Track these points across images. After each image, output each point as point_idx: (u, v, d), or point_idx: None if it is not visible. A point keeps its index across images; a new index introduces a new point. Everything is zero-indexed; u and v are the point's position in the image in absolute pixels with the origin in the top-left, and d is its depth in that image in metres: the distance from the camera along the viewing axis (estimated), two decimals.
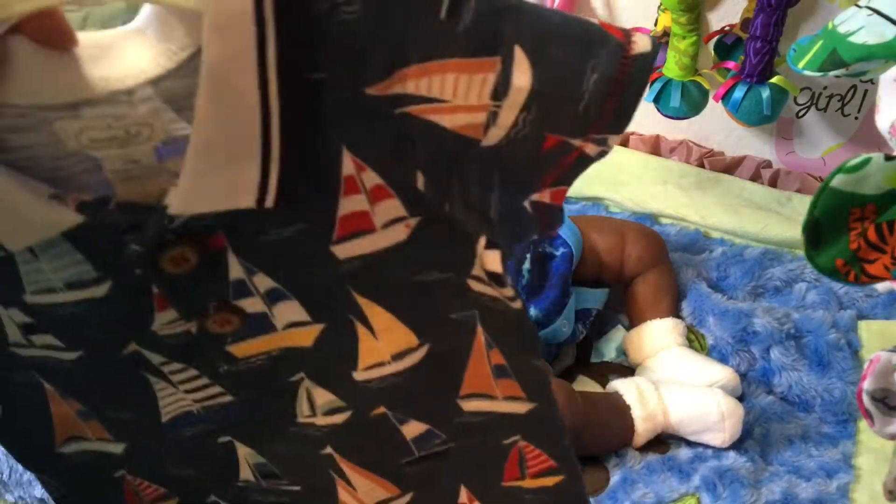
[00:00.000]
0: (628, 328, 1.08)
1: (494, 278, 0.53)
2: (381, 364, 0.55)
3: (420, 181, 0.48)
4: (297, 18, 0.41)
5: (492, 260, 0.52)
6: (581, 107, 0.48)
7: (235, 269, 0.49)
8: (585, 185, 1.25)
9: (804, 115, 1.22)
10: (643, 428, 0.94)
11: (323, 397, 0.56)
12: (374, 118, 0.46)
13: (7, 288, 0.49)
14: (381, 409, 0.58)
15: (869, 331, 1.03)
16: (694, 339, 1.06)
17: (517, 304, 0.54)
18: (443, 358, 0.56)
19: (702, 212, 1.23)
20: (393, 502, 0.63)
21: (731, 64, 1.13)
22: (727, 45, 1.16)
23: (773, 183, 1.27)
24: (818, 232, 0.61)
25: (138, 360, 0.52)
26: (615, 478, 0.93)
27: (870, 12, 0.61)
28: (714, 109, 1.17)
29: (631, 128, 1.34)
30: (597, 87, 0.47)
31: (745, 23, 1.11)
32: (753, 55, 1.06)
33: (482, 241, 0.51)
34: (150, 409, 0.56)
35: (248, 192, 0.44)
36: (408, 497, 0.63)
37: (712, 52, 1.17)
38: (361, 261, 0.50)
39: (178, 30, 0.42)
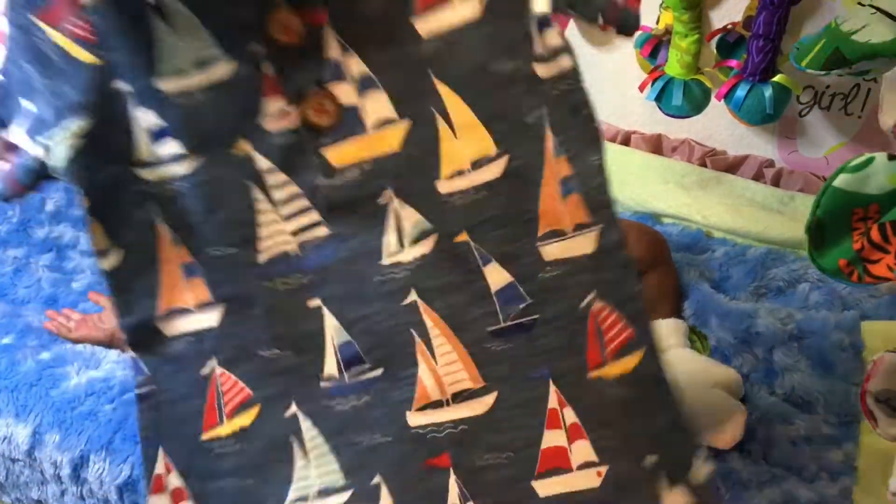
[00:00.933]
0: None
1: (544, 23, 0.57)
2: (461, 172, 0.58)
3: None
4: None
5: (551, 35, 0.58)
6: None
7: (333, 47, 0.55)
8: None
9: (807, 113, 1.22)
10: None
11: (410, 217, 0.59)
12: None
13: (145, 70, 0.56)
14: (464, 236, 0.59)
15: (872, 332, 1.03)
16: (696, 340, 1.05)
17: (569, 62, 0.58)
18: (520, 175, 0.58)
19: (704, 211, 1.23)
20: (476, 399, 0.61)
21: (733, 62, 1.13)
22: (729, 44, 1.15)
23: (775, 182, 1.26)
24: (821, 232, 0.61)
25: (246, 164, 0.58)
26: None
27: (873, 10, 0.60)
28: (716, 108, 1.17)
29: (633, 127, 1.34)
30: None
31: (748, 21, 1.10)
32: (756, 53, 1.05)
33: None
34: (250, 242, 0.60)
35: None
36: (492, 396, 0.61)
37: (714, 50, 1.17)
38: (441, 41, 0.55)
39: None
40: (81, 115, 0.59)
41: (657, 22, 1.23)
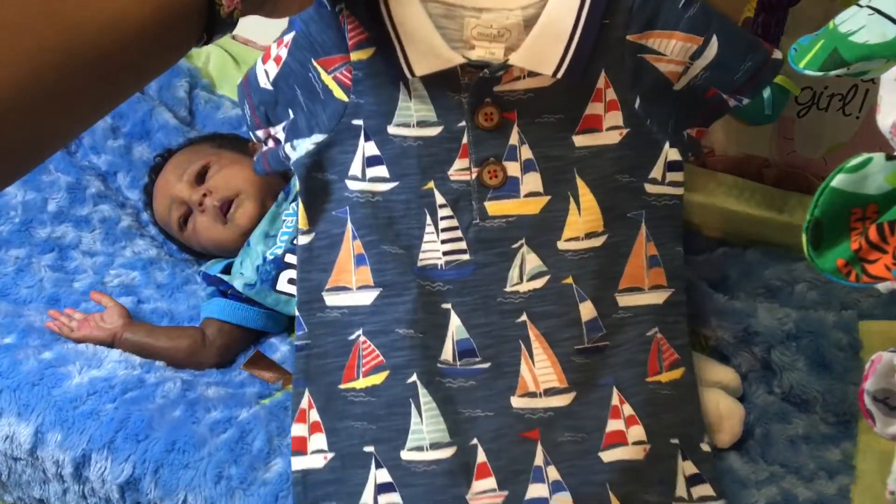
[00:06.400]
0: None
1: (673, 166, 0.88)
2: (576, 238, 0.86)
3: (637, 102, 0.85)
4: None
5: (674, 153, 0.87)
6: (735, 77, 0.86)
7: (514, 137, 0.84)
8: None
9: (805, 114, 1.22)
10: None
11: (532, 262, 0.85)
12: (626, 55, 0.83)
13: (383, 118, 0.84)
14: (569, 279, 0.85)
15: (870, 331, 1.03)
16: (695, 340, 1.05)
17: (680, 191, 0.88)
18: (614, 248, 0.86)
19: (702, 212, 1.23)
20: (560, 396, 0.85)
21: None
22: None
23: (773, 183, 1.26)
24: (819, 232, 0.61)
25: (429, 198, 0.85)
26: None
27: (871, 11, 0.61)
28: None
29: None
30: (747, 70, 0.86)
31: (746, 22, 1.10)
32: None
33: (667, 144, 0.87)
34: (413, 249, 0.86)
35: (551, 64, 0.80)
36: (571, 396, 0.85)
37: None
38: (588, 152, 0.85)
39: None
40: (325, 132, 0.86)
41: None
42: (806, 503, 0.87)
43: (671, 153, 0.87)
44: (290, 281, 1.08)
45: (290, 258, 1.08)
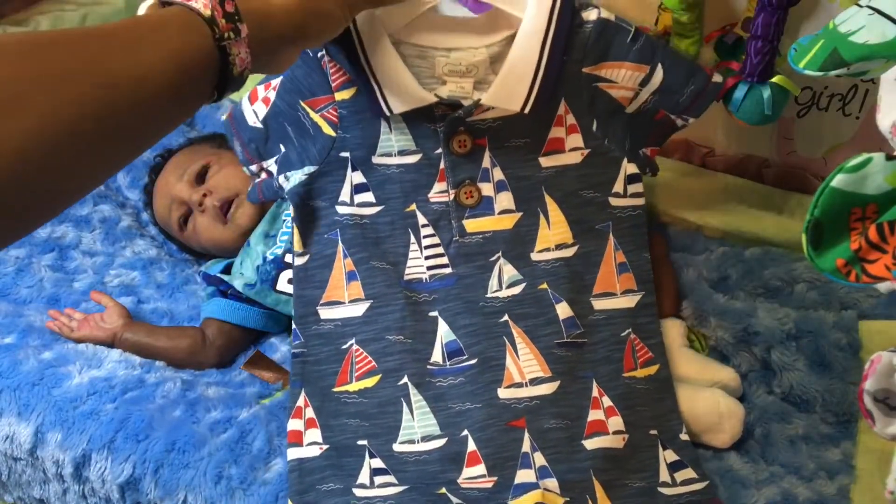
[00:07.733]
0: None
1: (633, 178, 0.97)
2: (548, 249, 0.94)
3: (594, 125, 0.94)
4: (562, 29, 0.89)
5: (632, 167, 0.96)
6: (681, 100, 0.97)
7: (486, 161, 0.93)
8: None
9: (805, 114, 1.22)
10: None
11: (509, 272, 0.93)
12: (582, 85, 0.93)
13: (367, 150, 0.93)
14: (544, 285, 0.93)
15: (870, 331, 1.03)
16: (695, 340, 1.05)
17: (641, 201, 0.97)
18: (585, 257, 0.94)
19: (702, 211, 1.23)
20: (545, 384, 0.90)
21: (733, 64, 1.13)
22: (728, 45, 1.15)
23: (773, 183, 1.26)
24: (819, 232, 0.61)
25: (412, 218, 0.93)
26: None
27: (870, 11, 0.61)
28: (715, 109, 1.17)
29: None
30: (691, 92, 0.98)
31: (746, 22, 1.10)
32: (754, 55, 1.06)
33: (625, 160, 0.96)
34: (400, 265, 0.94)
35: (519, 101, 0.88)
36: (556, 384, 0.90)
37: (713, 51, 1.17)
38: (554, 171, 0.94)
39: (505, 27, 0.90)
40: (315, 164, 0.94)
41: (656, 23, 1.23)
42: (806, 503, 0.87)
43: (629, 167, 0.96)
44: (291, 281, 1.08)
45: (290, 258, 1.08)
